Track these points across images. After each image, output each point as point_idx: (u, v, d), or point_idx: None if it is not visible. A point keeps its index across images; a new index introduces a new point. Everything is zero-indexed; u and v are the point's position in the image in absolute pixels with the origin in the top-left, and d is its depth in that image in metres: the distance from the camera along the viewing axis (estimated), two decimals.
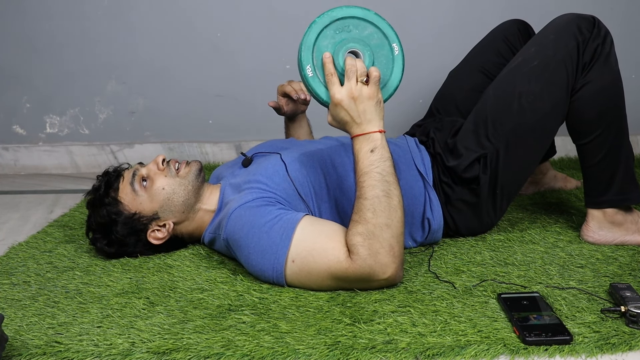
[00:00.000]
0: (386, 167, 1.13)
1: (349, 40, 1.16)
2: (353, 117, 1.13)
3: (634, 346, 0.94)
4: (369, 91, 1.12)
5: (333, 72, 1.13)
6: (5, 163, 2.37)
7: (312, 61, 1.15)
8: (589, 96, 1.28)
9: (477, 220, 1.38)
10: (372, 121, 1.13)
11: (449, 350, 0.94)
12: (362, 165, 1.13)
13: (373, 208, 1.10)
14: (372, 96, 1.12)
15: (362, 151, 1.13)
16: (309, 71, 1.14)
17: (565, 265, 1.25)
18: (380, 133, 1.14)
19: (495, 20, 1.65)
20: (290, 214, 1.17)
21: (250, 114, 2.29)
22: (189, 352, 0.96)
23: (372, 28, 1.17)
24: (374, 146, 1.13)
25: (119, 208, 1.31)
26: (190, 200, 1.34)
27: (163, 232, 1.34)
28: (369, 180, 1.12)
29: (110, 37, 2.24)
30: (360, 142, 1.14)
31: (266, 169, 1.31)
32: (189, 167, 1.36)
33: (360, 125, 1.13)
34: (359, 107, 1.12)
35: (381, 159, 1.13)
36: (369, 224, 1.09)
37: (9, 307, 1.15)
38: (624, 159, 1.31)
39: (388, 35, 1.17)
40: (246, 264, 1.20)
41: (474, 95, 1.51)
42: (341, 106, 1.12)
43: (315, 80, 1.15)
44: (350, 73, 1.12)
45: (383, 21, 1.17)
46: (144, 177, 1.33)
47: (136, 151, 2.34)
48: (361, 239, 1.09)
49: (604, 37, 1.27)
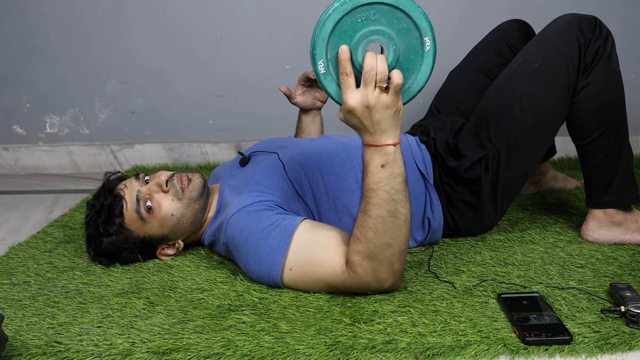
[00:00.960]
0: (396, 184, 1.04)
1: (372, 32, 0.98)
2: (366, 125, 1.01)
3: (634, 346, 0.94)
4: (388, 100, 0.99)
5: (349, 72, 0.98)
6: (5, 163, 2.37)
7: (326, 55, 0.99)
8: (590, 97, 1.28)
9: (477, 220, 1.38)
10: (387, 132, 1.02)
11: (449, 350, 0.94)
12: (371, 180, 1.04)
13: (376, 228, 1.04)
14: (390, 105, 0.99)
15: (373, 164, 1.03)
16: (322, 67, 1.00)
17: (565, 265, 1.25)
18: (395, 146, 1.03)
19: (495, 20, 1.65)
20: (288, 220, 1.15)
21: (250, 114, 2.29)
22: (189, 352, 0.96)
23: (401, 16, 0.98)
24: (386, 161, 1.03)
25: (127, 235, 1.28)
26: (198, 218, 1.33)
27: (173, 250, 1.35)
28: (375, 198, 1.04)
29: (110, 37, 2.24)
30: (372, 152, 1.03)
31: (264, 169, 1.31)
32: (192, 185, 1.31)
33: (374, 135, 1.02)
34: (373, 117, 1.00)
35: (391, 175, 1.03)
36: (370, 244, 1.05)
37: (9, 307, 1.15)
38: (624, 159, 1.32)
39: (421, 27, 0.98)
40: (245, 269, 1.20)
41: (474, 95, 1.51)
42: (354, 114, 1.00)
43: (327, 78, 1.01)
44: (368, 78, 0.97)
45: (417, 9, 0.98)
46: (148, 199, 1.27)
47: (136, 151, 2.34)
48: (360, 258, 1.06)
49: (606, 37, 1.27)
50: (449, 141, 1.38)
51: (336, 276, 1.09)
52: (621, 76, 1.30)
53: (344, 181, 1.31)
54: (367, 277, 1.07)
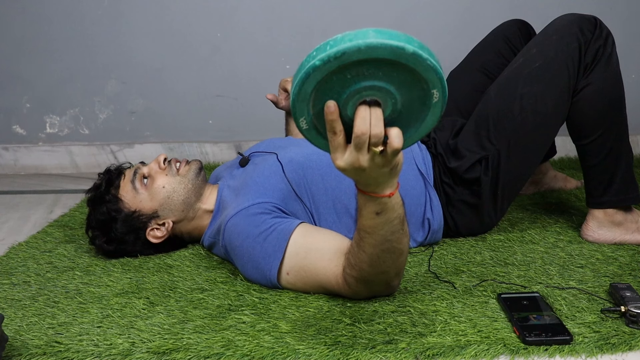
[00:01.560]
0: (392, 227, 0.96)
1: (366, 87, 0.78)
2: (358, 180, 0.91)
3: (634, 346, 0.94)
4: (384, 161, 0.85)
5: (337, 131, 0.82)
6: (5, 163, 2.37)
7: (309, 111, 0.82)
8: (591, 97, 1.28)
9: (477, 220, 1.38)
10: (383, 184, 0.90)
11: (449, 350, 0.94)
12: (365, 224, 0.96)
13: (370, 262, 1.01)
14: (387, 164, 0.86)
15: (366, 209, 0.94)
16: (304, 124, 0.83)
17: (565, 265, 1.25)
18: (391, 196, 0.92)
19: (496, 20, 1.65)
20: (285, 224, 1.15)
21: (250, 114, 2.29)
22: (189, 352, 0.96)
23: (403, 69, 0.76)
24: (381, 209, 0.93)
25: (119, 205, 1.32)
26: (190, 199, 1.34)
27: (162, 231, 1.35)
28: (370, 240, 0.97)
29: (110, 37, 2.24)
30: (366, 200, 0.93)
31: (263, 170, 1.30)
32: (189, 166, 1.37)
33: (368, 187, 0.91)
34: (367, 175, 0.87)
35: (387, 221, 0.95)
36: (364, 273, 1.03)
37: (9, 307, 1.15)
38: (624, 159, 1.32)
39: (429, 80, 0.77)
40: (243, 272, 1.21)
41: (475, 95, 1.51)
42: (344, 172, 0.88)
43: (312, 133, 0.85)
44: (359, 142, 0.81)
45: (424, 62, 0.75)
46: (145, 175, 1.34)
47: (136, 151, 2.34)
48: (354, 282, 1.06)
49: (606, 38, 1.27)
50: (449, 141, 1.38)
51: (331, 285, 1.10)
52: (621, 76, 1.30)
53: (343, 181, 1.31)
54: (363, 294, 1.09)
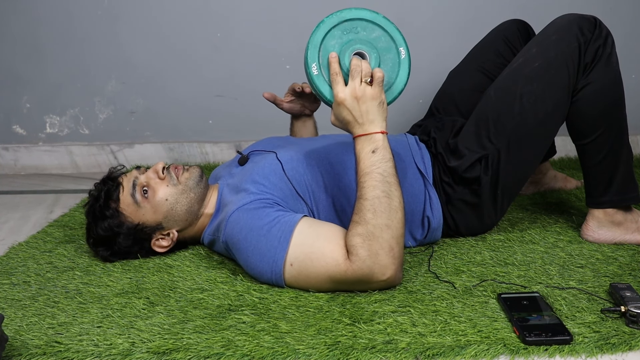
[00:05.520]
0: (387, 167, 1.13)
1: (356, 41, 1.17)
2: (355, 116, 1.13)
3: (634, 346, 0.94)
4: (373, 91, 1.12)
5: (338, 72, 1.13)
6: (5, 163, 2.37)
7: (318, 60, 1.16)
8: (590, 97, 1.28)
9: (477, 220, 1.38)
10: (375, 122, 1.13)
11: (449, 350, 0.94)
12: (363, 165, 1.13)
13: (373, 209, 1.10)
14: (375, 96, 1.12)
15: (364, 152, 1.14)
16: (314, 69, 1.15)
17: (565, 265, 1.25)
18: (382, 134, 1.14)
19: (495, 21, 1.65)
20: (288, 216, 1.16)
21: (250, 114, 2.29)
22: (189, 352, 0.96)
23: (379, 31, 1.18)
24: (376, 147, 1.13)
25: (121, 220, 1.30)
26: (194, 208, 1.34)
27: (167, 241, 1.35)
28: (370, 181, 1.12)
29: (110, 37, 2.24)
30: (362, 142, 1.14)
31: (262, 169, 1.30)
32: (189, 173, 1.34)
33: (363, 126, 1.13)
34: (361, 107, 1.12)
35: (382, 159, 1.13)
36: (369, 225, 1.09)
37: (9, 307, 1.15)
38: (624, 159, 1.32)
39: (395, 39, 1.18)
40: (245, 266, 1.20)
41: (474, 95, 1.52)
42: (344, 105, 1.13)
43: (320, 79, 1.16)
44: (354, 73, 1.12)
45: (391, 24, 1.18)
46: (144, 185, 1.31)
47: (136, 151, 2.34)
48: (360, 240, 1.08)
49: (605, 37, 1.27)
50: (449, 141, 1.38)
51: (338, 266, 1.09)
52: (621, 76, 1.30)
53: (343, 180, 1.31)
54: (369, 261, 1.08)
